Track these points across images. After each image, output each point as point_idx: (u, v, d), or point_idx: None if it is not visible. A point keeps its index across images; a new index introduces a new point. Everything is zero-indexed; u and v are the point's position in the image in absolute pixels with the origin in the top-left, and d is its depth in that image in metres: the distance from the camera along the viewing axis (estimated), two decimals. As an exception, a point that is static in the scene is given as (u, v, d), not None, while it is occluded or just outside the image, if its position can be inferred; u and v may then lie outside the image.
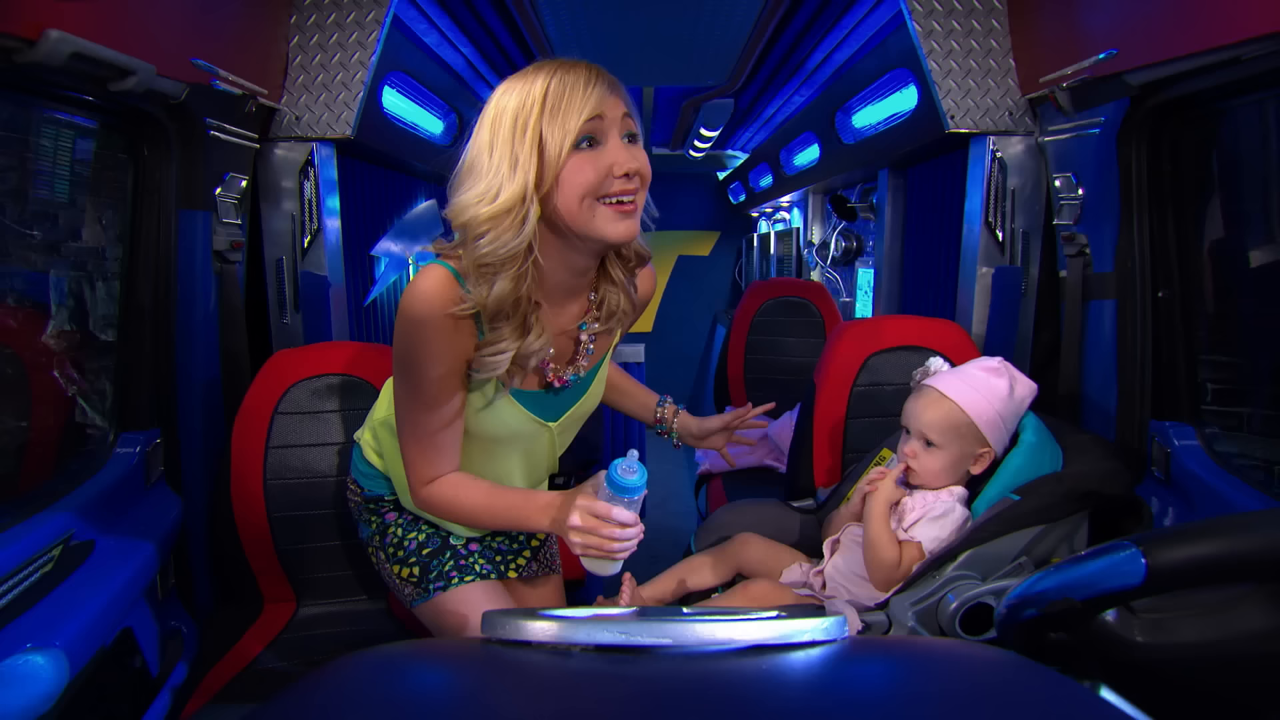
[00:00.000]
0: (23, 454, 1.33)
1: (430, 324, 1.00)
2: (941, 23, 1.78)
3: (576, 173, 0.97)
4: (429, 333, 1.00)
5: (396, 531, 1.27)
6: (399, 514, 1.29)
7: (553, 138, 0.96)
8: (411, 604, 1.27)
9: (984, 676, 0.60)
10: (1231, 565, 0.71)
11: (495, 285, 0.99)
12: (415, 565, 1.25)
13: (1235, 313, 1.45)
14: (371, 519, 1.30)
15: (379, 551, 1.29)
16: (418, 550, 1.26)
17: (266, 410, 1.54)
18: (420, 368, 1.02)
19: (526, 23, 2.29)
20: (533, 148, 0.96)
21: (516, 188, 0.96)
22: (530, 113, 0.97)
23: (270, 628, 1.53)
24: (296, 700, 0.57)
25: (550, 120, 0.96)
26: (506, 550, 1.33)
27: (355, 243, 2.28)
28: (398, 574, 1.26)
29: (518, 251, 0.98)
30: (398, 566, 1.26)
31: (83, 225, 1.43)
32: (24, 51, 1.01)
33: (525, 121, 0.97)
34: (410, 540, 1.27)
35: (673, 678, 0.58)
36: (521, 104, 0.97)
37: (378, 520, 1.29)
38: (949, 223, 2.16)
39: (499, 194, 0.96)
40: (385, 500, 1.29)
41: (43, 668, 1.01)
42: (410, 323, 1.01)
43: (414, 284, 1.02)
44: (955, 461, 1.30)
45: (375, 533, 1.29)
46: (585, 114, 0.96)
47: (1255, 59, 1.10)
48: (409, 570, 1.25)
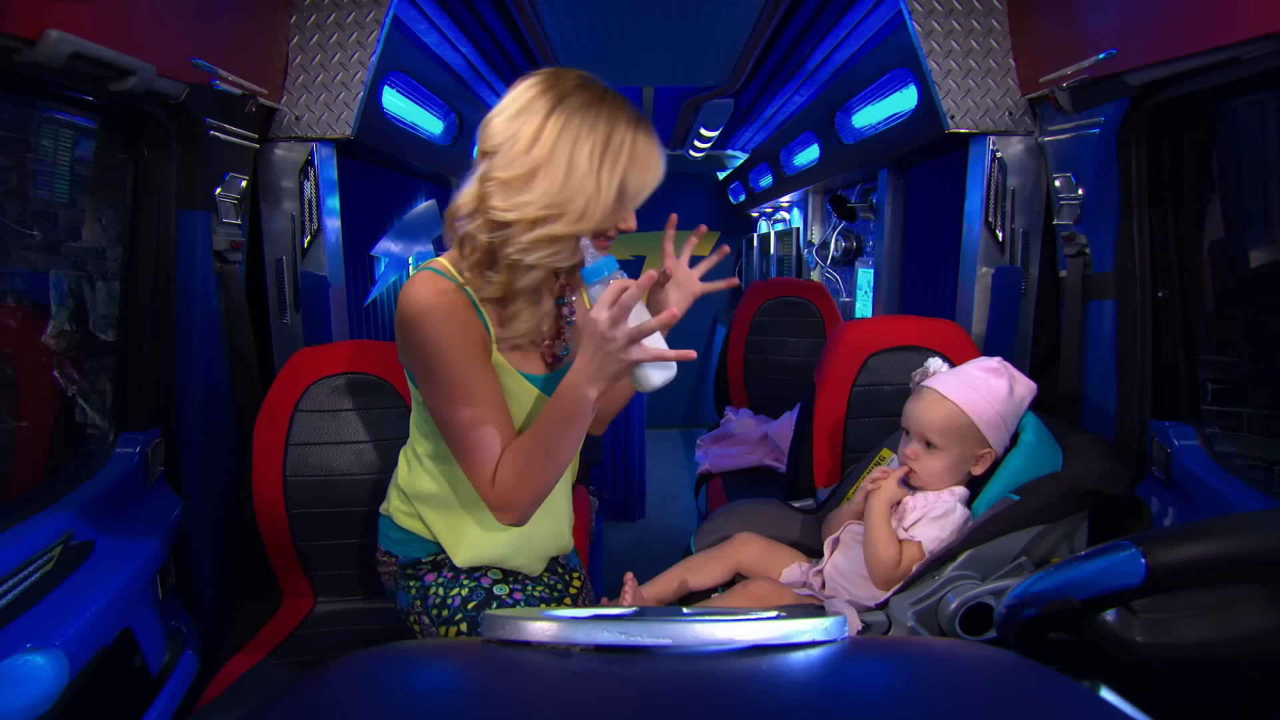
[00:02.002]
0: (21, 455, 1.33)
1: (432, 314, 1.01)
2: (941, 23, 1.78)
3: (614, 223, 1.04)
4: (435, 322, 1.01)
5: (438, 592, 1.21)
6: (438, 573, 1.22)
7: (630, 191, 1.02)
8: None
9: (984, 676, 0.60)
10: (1231, 565, 0.71)
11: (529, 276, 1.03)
12: (462, 621, 1.18)
13: (1235, 313, 1.45)
14: (410, 585, 1.23)
15: (421, 617, 1.22)
16: (462, 606, 1.19)
17: (287, 407, 1.56)
18: (443, 364, 1.02)
19: (526, 23, 2.30)
20: (614, 192, 1.00)
21: (589, 223, 1.00)
22: (621, 155, 1.00)
23: (288, 622, 1.54)
24: (296, 700, 0.57)
25: (634, 173, 1.01)
26: (548, 599, 1.25)
27: (355, 243, 2.28)
28: (445, 635, 1.19)
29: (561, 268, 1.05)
30: (444, 628, 1.19)
31: (83, 225, 1.43)
32: (24, 51, 1.01)
33: (615, 162, 1.00)
34: (454, 597, 1.20)
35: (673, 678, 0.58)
36: (611, 140, 1.00)
37: (416, 584, 1.22)
38: (949, 223, 2.16)
39: (573, 217, 1.00)
40: (423, 563, 1.22)
41: (43, 668, 1.01)
42: (415, 322, 1.01)
43: (404, 294, 1.03)
44: (956, 463, 1.30)
45: (415, 598, 1.22)
46: (657, 182, 1.04)
47: (1255, 59, 1.10)
48: (455, 629, 1.18)
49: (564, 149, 0.98)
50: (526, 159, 0.99)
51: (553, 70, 1.04)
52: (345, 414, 1.58)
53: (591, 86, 1.02)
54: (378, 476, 1.58)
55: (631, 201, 1.04)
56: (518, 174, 0.99)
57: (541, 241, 1.00)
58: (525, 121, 1.00)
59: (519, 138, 0.99)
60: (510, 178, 0.99)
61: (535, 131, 0.99)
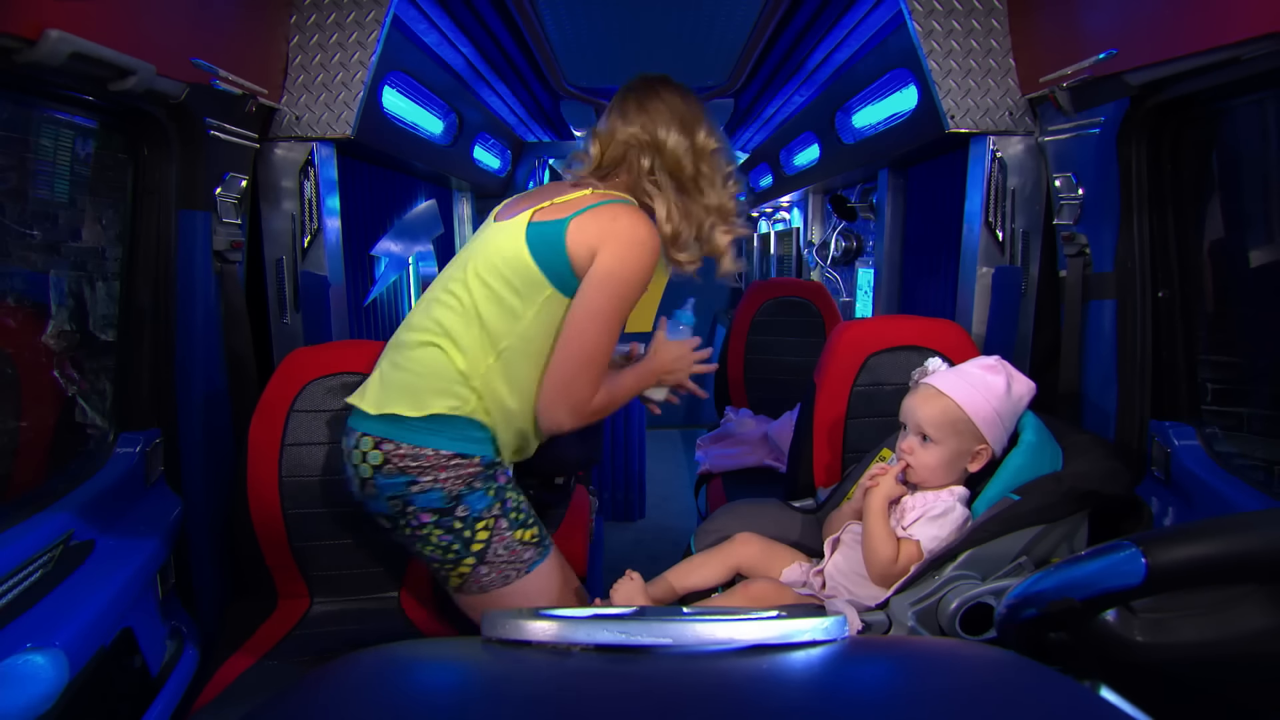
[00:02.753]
0: (20, 455, 1.33)
1: (653, 256, 1.25)
2: (941, 23, 1.78)
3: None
4: (650, 262, 1.25)
5: (513, 495, 1.30)
6: (507, 475, 1.31)
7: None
8: (530, 568, 1.30)
9: (984, 676, 0.60)
10: (1231, 565, 0.71)
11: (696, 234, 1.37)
12: (534, 524, 1.31)
13: (1235, 313, 1.45)
14: (488, 488, 1.27)
15: (500, 519, 1.27)
16: (529, 509, 1.32)
17: (283, 408, 1.55)
18: (634, 293, 1.25)
19: (526, 23, 2.29)
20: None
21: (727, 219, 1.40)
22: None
23: (284, 623, 1.54)
24: (296, 700, 0.57)
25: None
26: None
27: (355, 243, 2.28)
28: (520, 539, 1.28)
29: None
30: (521, 531, 1.29)
31: (83, 225, 1.43)
32: (24, 51, 1.01)
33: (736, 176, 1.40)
34: (523, 501, 1.32)
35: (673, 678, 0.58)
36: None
37: (494, 487, 1.28)
38: (949, 223, 2.16)
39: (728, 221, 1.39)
40: (496, 462, 1.29)
41: (43, 668, 1.01)
42: (643, 255, 1.23)
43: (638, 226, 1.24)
44: (952, 458, 1.30)
45: (494, 500, 1.27)
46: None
47: (1255, 59, 1.10)
48: (531, 531, 1.30)
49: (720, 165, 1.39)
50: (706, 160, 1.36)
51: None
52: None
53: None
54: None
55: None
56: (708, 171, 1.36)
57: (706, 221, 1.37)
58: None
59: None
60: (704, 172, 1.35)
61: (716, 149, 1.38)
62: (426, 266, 2.96)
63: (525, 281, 1.24)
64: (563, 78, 2.97)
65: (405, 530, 1.30)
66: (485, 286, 1.26)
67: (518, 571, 1.29)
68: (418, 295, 2.90)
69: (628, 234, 1.22)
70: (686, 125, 1.32)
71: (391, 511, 1.29)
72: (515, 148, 4.00)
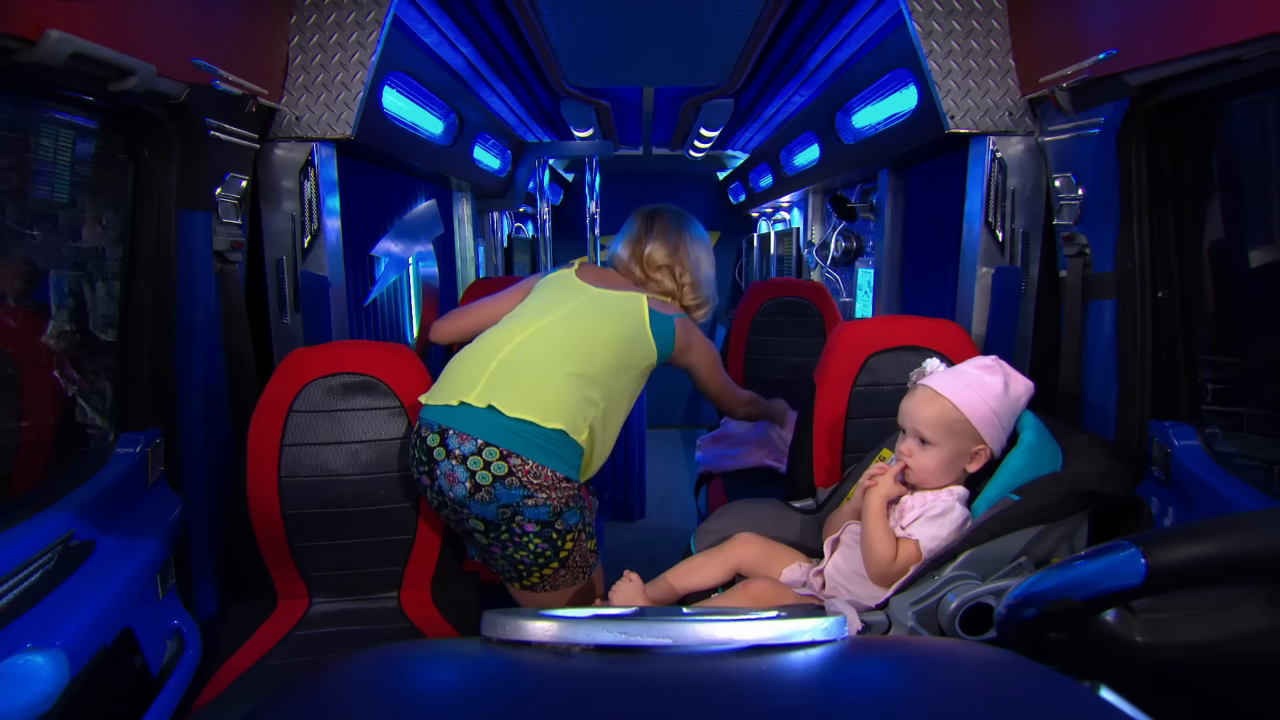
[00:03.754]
0: (20, 455, 1.33)
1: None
2: (941, 23, 1.78)
3: None
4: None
5: (587, 512, 1.54)
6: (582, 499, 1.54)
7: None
8: (592, 568, 1.56)
9: (984, 676, 0.60)
10: (1231, 565, 0.71)
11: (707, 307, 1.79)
12: (595, 534, 1.59)
13: (1235, 313, 1.45)
14: (579, 507, 1.49)
15: (580, 533, 1.51)
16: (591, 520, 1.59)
17: (281, 408, 1.55)
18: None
19: (526, 23, 2.29)
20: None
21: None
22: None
23: (283, 623, 1.54)
24: (296, 700, 0.57)
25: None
26: None
27: (355, 243, 2.28)
28: (590, 547, 1.55)
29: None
30: (591, 540, 1.56)
31: (83, 225, 1.43)
32: (24, 51, 1.01)
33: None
34: (590, 515, 1.59)
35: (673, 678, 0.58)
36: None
37: (579, 504, 1.49)
38: (949, 223, 2.16)
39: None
40: (585, 484, 1.58)
41: (43, 668, 1.01)
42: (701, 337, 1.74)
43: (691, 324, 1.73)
44: (951, 459, 1.30)
45: (580, 517, 1.50)
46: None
47: (1255, 59, 1.10)
48: (593, 540, 1.57)
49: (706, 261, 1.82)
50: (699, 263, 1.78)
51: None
52: (340, 414, 1.58)
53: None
54: (373, 476, 1.58)
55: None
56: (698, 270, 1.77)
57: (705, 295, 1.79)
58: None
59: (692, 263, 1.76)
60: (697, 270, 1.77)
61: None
62: (426, 266, 2.96)
63: (640, 350, 1.59)
64: (563, 78, 2.97)
65: (503, 535, 1.45)
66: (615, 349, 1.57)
67: (585, 573, 1.54)
68: (418, 295, 2.90)
69: (700, 337, 1.73)
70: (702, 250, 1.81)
71: (498, 519, 1.44)
72: (515, 148, 4.00)
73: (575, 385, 1.48)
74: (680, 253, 1.74)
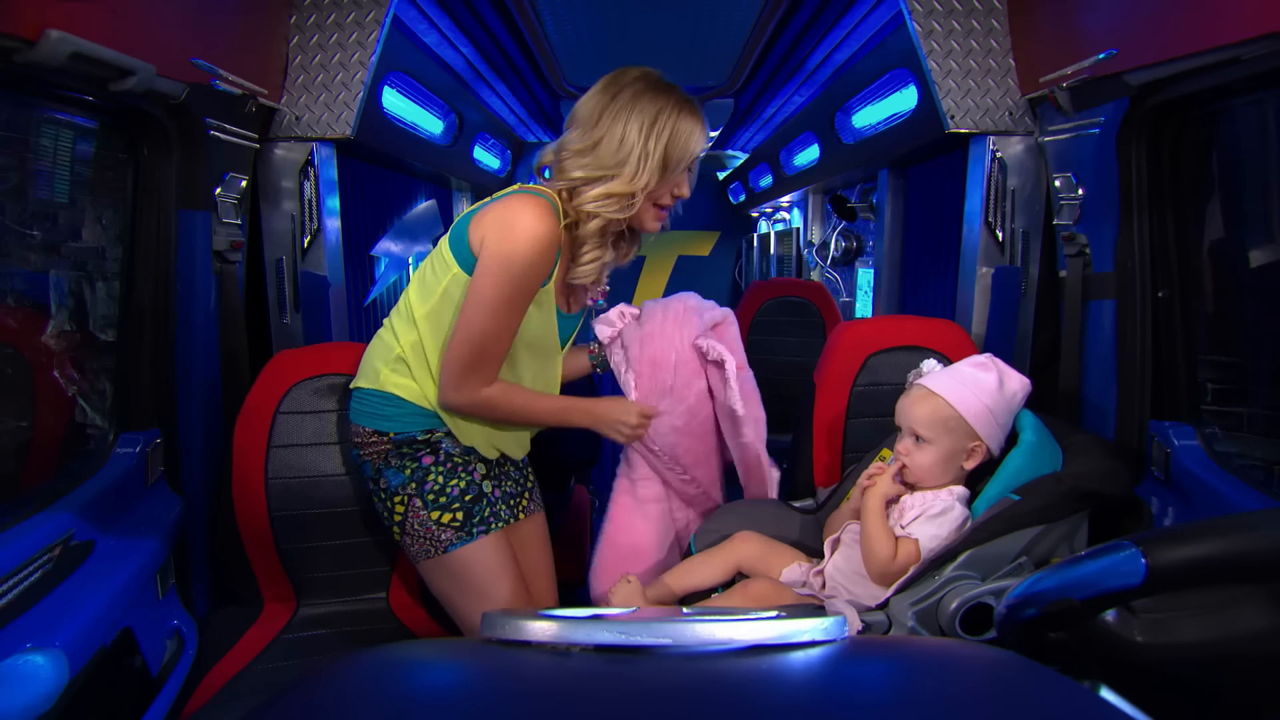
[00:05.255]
0: (23, 454, 1.33)
1: (544, 240, 1.24)
2: (941, 23, 1.78)
3: (666, 186, 1.32)
4: (541, 257, 1.25)
5: (437, 479, 1.37)
6: (435, 458, 1.37)
7: (674, 157, 1.29)
8: (448, 549, 1.35)
9: (984, 676, 0.60)
10: (1231, 565, 0.71)
11: (592, 223, 1.31)
12: (459, 510, 1.36)
13: (1235, 313, 1.45)
14: (406, 465, 1.35)
15: (414, 499, 1.35)
16: (460, 496, 1.37)
17: (268, 410, 1.54)
18: (529, 276, 1.25)
19: (526, 23, 2.30)
20: (659, 157, 1.28)
21: (640, 181, 1.28)
22: (665, 129, 1.28)
23: (271, 627, 1.53)
24: (296, 700, 0.57)
25: (677, 143, 1.29)
26: (515, 494, 1.50)
27: (355, 243, 2.28)
28: (436, 519, 1.35)
29: (618, 219, 1.31)
30: (438, 513, 1.35)
31: (83, 225, 1.43)
32: (24, 51, 1.01)
33: (660, 134, 1.28)
34: (453, 487, 1.37)
35: (673, 678, 0.58)
36: (659, 116, 1.28)
37: (413, 466, 1.36)
38: (949, 223, 2.16)
39: (627, 178, 1.28)
40: (418, 441, 1.35)
41: (43, 668, 1.01)
42: (526, 249, 1.23)
43: (526, 209, 1.24)
44: (947, 456, 1.30)
45: (410, 479, 1.35)
46: (699, 152, 1.33)
47: (1255, 59, 1.10)
48: (451, 515, 1.36)
49: (619, 124, 1.27)
50: (593, 133, 1.28)
51: (624, 68, 1.32)
52: (327, 415, 1.57)
53: (648, 77, 1.31)
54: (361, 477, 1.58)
55: (676, 167, 1.30)
56: (585, 144, 1.29)
57: (601, 195, 1.28)
58: (594, 105, 1.30)
59: (590, 117, 1.29)
60: (580, 147, 1.29)
61: (599, 111, 1.28)
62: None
63: (440, 261, 1.31)
64: (563, 78, 2.97)
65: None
66: (419, 271, 1.37)
67: (435, 549, 1.36)
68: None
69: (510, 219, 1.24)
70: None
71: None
72: (515, 148, 4.00)
73: (381, 333, 1.39)
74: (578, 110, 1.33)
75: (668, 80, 1.32)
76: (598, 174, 1.28)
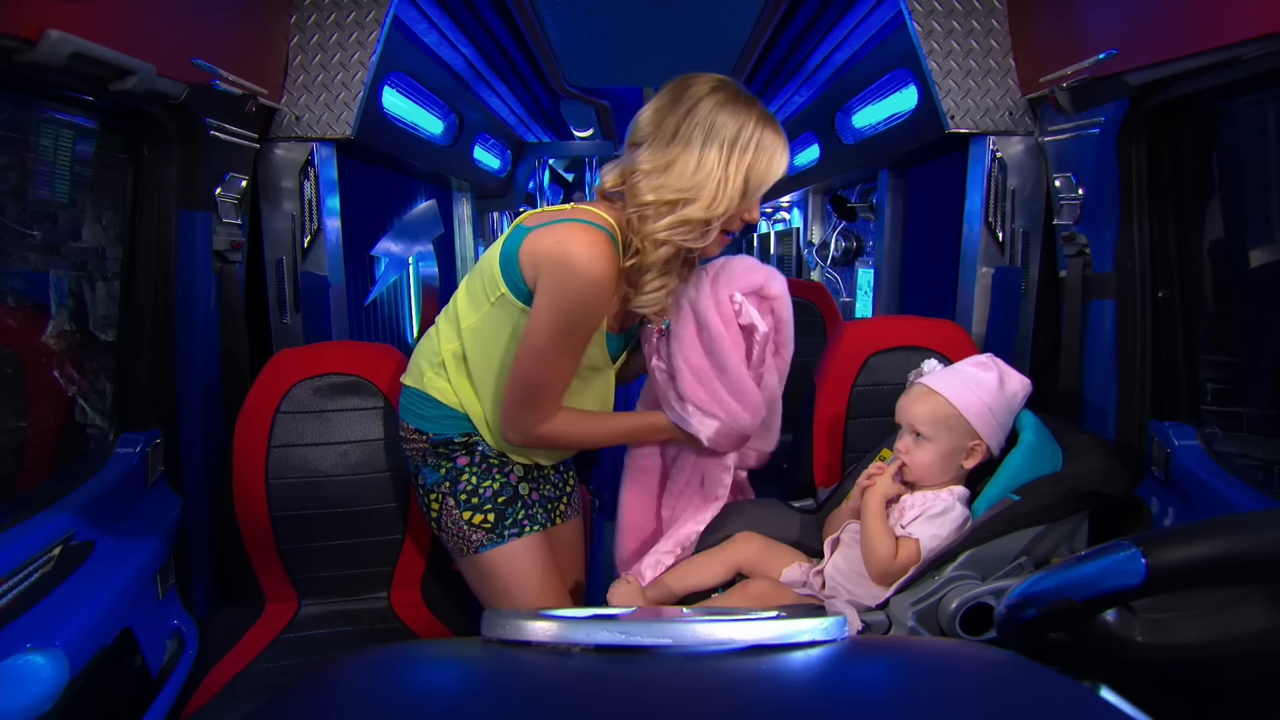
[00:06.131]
0: (19, 455, 1.33)
1: (603, 284, 1.16)
2: (941, 23, 1.78)
3: (740, 212, 1.21)
4: (601, 291, 1.17)
5: (471, 479, 1.35)
6: (470, 458, 1.35)
7: (755, 183, 1.19)
8: (478, 549, 1.34)
9: (984, 676, 0.60)
10: (1231, 565, 0.71)
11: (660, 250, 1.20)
12: (490, 511, 1.35)
13: (1235, 313, 1.45)
14: (441, 464, 1.35)
15: (447, 497, 1.35)
16: (493, 498, 1.36)
17: (268, 410, 1.54)
18: (584, 322, 1.19)
19: (526, 23, 2.30)
20: (739, 183, 1.17)
21: (719, 208, 1.17)
22: (748, 151, 1.16)
23: (272, 626, 1.53)
24: (296, 700, 0.57)
25: (758, 167, 1.18)
26: (554, 498, 1.48)
27: (355, 243, 2.28)
28: (468, 520, 1.34)
29: (693, 246, 1.21)
30: (470, 512, 1.34)
31: (83, 225, 1.43)
32: (24, 51, 1.01)
33: (742, 156, 1.16)
34: (485, 488, 1.35)
35: (673, 678, 0.58)
36: (740, 136, 1.16)
37: (448, 465, 1.35)
38: (949, 223, 2.16)
39: (705, 203, 1.16)
40: (455, 443, 1.35)
41: (43, 668, 1.01)
42: (585, 284, 1.15)
43: (582, 248, 1.14)
44: (946, 454, 1.30)
45: (445, 479, 1.35)
46: (781, 175, 1.22)
47: (1255, 59, 1.10)
48: (482, 516, 1.35)
49: (696, 143, 1.15)
50: (666, 152, 1.16)
51: (692, 74, 1.20)
52: (328, 414, 1.57)
53: (726, 88, 1.18)
54: (362, 477, 1.57)
55: (755, 192, 1.20)
56: (658, 164, 1.17)
57: (675, 223, 1.17)
58: (665, 118, 1.17)
59: (661, 133, 1.17)
60: (652, 168, 1.17)
61: (672, 126, 1.16)
62: (426, 266, 2.96)
63: (489, 276, 1.24)
64: (563, 78, 2.97)
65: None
66: (470, 275, 1.32)
67: (467, 548, 1.36)
68: (418, 295, 2.90)
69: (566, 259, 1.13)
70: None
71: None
72: (515, 148, 4.00)
73: (429, 334, 1.37)
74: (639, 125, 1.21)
75: (746, 92, 1.20)
76: (673, 197, 1.16)
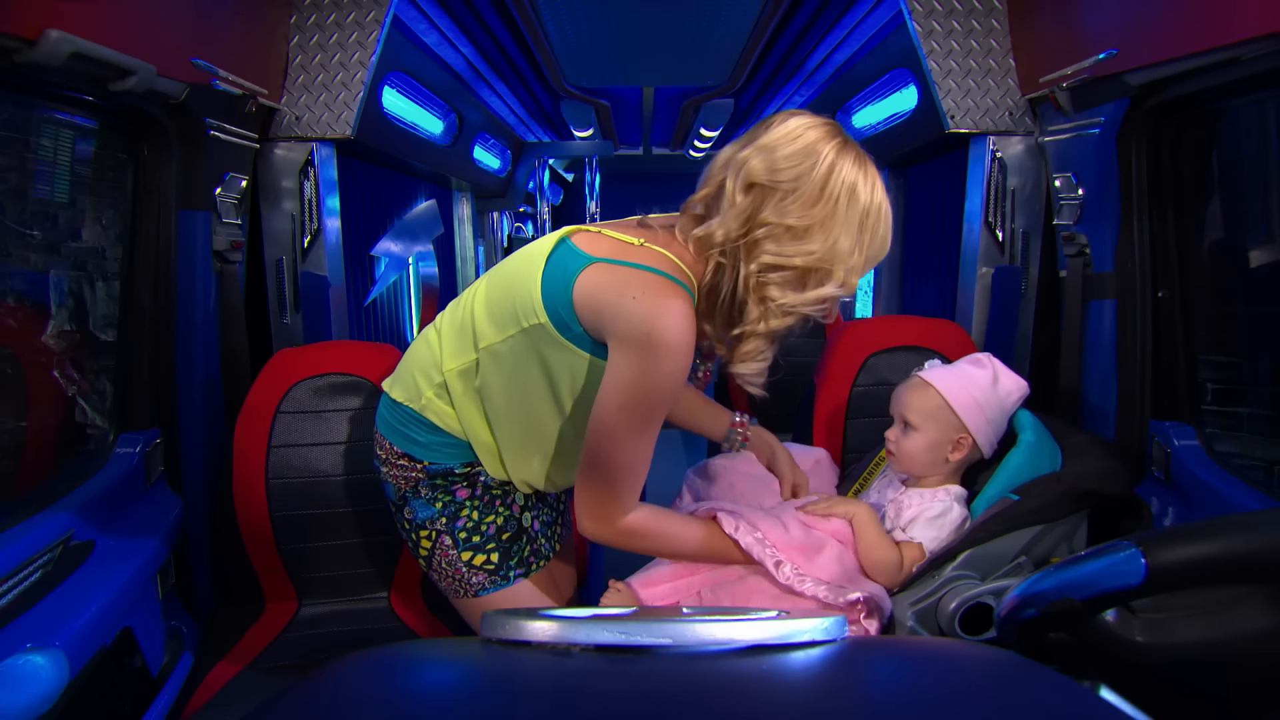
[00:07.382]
0: (21, 454, 1.33)
1: (689, 357, 1.00)
2: (941, 23, 1.78)
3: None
4: (686, 366, 1.00)
5: (472, 515, 1.19)
6: (471, 491, 1.19)
7: (870, 266, 1.03)
8: (478, 593, 1.19)
9: (984, 676, 0.60)
10: (1231, 565, 0.71)
11: (786, 320, 1.03)
12: (494, 551, 1.19)
13: (1235, 313, 1.45)
14: (437, 498, 1.18)
15: (443, 535, 1.18)
16: (496, 535, 1.19)
17: (268, 410, 1.54)
18: (665, 400, 1.01)
19: (526, 23, 2.29)
20: (861, 265, 1.01)
21: (852, 279, 1.02)
22: (872, 232, 1.00)
23: (272, 627, 1.53)
24: (296, 700, 0.57)
25: (874, 250, 1.02)
26: (552, 522, 1.32)
27: (355, 243, 2.28)
28: (468, 561, 1.18)
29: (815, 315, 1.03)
30: (470, 553, 1.18)
31: (83, 225, 1.43)
32: (24, 51, 1.01)
33: (871, 241, 1.01)
34: (489, 525, 1.19)
35: (673, 678, 0.58)
36: (868, 213, 0.99)
37: (445, 499, 1.18)
38: (949, 223, 2.16)
39: (838, 280, 1.00)
40: (456, 474, 1.18)
41: (43, 668, 1.01)
42: (673, 363, 0.98)
43: (676, 321, 0.97)
44: (932, 445, 1.30)
45: (441, 515, 1.18)
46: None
47: (1255, 59, 1.10)
48: (485, 557, 1.18)
49: (836, 220, 0.98)
50: (813, 211, 0.97)
51: (793, 117, 1.01)
52: (328, 415, 1.57)
53: (860, 162, 1.00)
54: (362, 477, 1.57)
55: (868, 268, 1.04)
56: (802, 225, 0.98)
57: (816, 299, 1.01)
58: (812, 168, 0.97)
59: (808, 185, 0.97)
60: (795, 225, 0.98)
61: (823, 184, 0.97)
62: (426, 266, 2.96)
63: (524, 297, 1.05)
64: (563, 78, 2.97)
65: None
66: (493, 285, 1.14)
67: (465, 591, 1.21)
68: (418, 295, 2.90)
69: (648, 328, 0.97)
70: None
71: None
72: (515, 148, 4.00)
73: (428, 341, 1.18)
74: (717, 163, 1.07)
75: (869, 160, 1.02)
76: (804, 264, 0.98)
